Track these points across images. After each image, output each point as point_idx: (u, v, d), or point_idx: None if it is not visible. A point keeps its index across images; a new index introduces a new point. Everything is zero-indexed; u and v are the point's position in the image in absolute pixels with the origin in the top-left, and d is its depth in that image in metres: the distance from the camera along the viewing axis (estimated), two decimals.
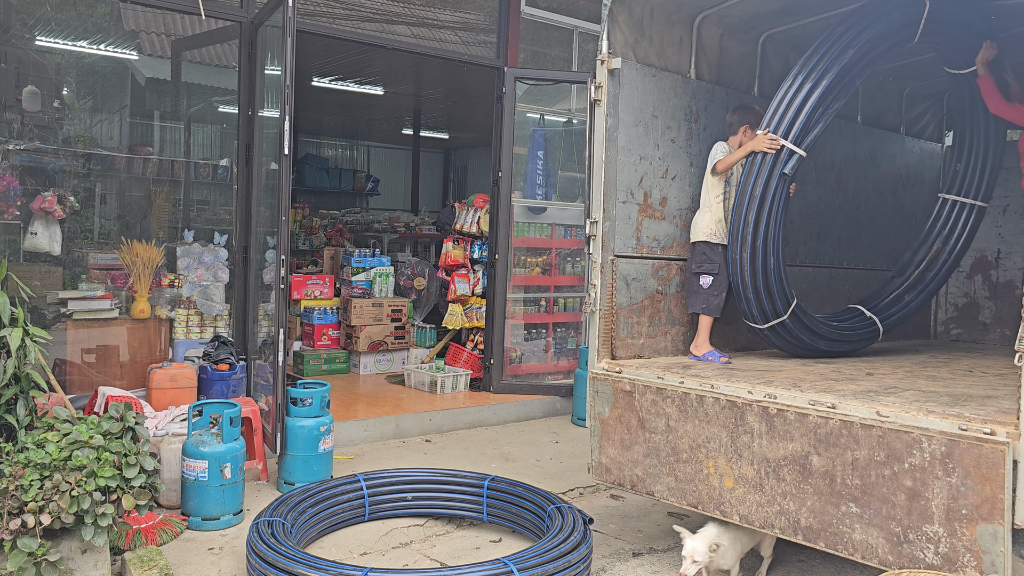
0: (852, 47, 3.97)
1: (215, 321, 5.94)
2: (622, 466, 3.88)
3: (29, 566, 2.98)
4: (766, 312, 4.16)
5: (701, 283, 4.41)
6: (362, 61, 9.27)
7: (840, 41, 3.98)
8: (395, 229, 12.39)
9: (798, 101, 4.03)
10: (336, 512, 4.08)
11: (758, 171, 4.06)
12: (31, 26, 5.92)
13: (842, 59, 3.97)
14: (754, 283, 4.09)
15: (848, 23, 4.00)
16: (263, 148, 5.76)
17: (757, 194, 4.03)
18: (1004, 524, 2.72)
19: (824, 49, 4.01)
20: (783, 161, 4.00)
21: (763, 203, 4.04)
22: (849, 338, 4.68)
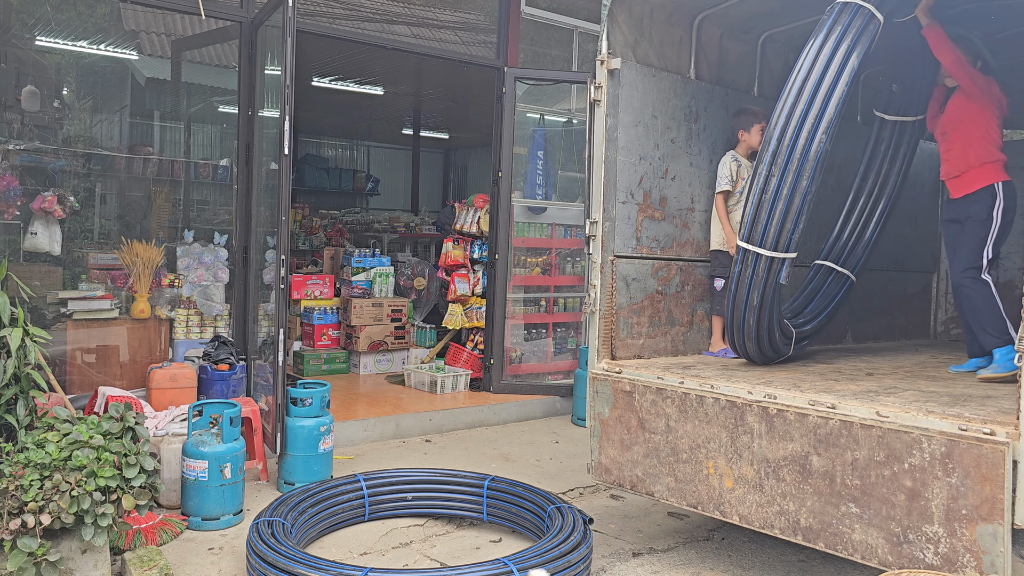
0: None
1: (215, 321, 5.94)
2: (622, 466, 3.89)
3: (29, 566, 2.98)
4: (768, 358, 4.19)
5: (715, 285, 4.66)
6: (362, 61, 9.27)
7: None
8: (395, 229, 12.39)
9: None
10: (336, 512, 4.08)
11: (751, 279, 3.85)
12: (31, 26, 5.92)
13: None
14: (759, 348, 4.07)
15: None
16: (263, 148, 5.76)
17: (755, 303, 3.87)
18: (1004, 524, 2.72)
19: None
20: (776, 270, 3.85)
21: (761, 309, 3.90)
22: (825, 307, 4.73)
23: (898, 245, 5.96)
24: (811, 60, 3.62)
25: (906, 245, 6.08)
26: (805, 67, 3.63)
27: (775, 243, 3.69)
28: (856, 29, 3.61)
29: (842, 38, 3.61)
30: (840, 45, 3.60)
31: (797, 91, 3.62)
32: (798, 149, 3.58)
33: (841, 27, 3.62)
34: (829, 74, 3.58)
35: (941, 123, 4.42)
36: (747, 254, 3.76)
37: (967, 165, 4.22)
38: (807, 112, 3.59)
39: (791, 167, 3.59)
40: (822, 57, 3.60)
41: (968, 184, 4.22)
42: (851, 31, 3.61)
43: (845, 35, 3.61)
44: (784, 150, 3.60)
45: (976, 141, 4.19)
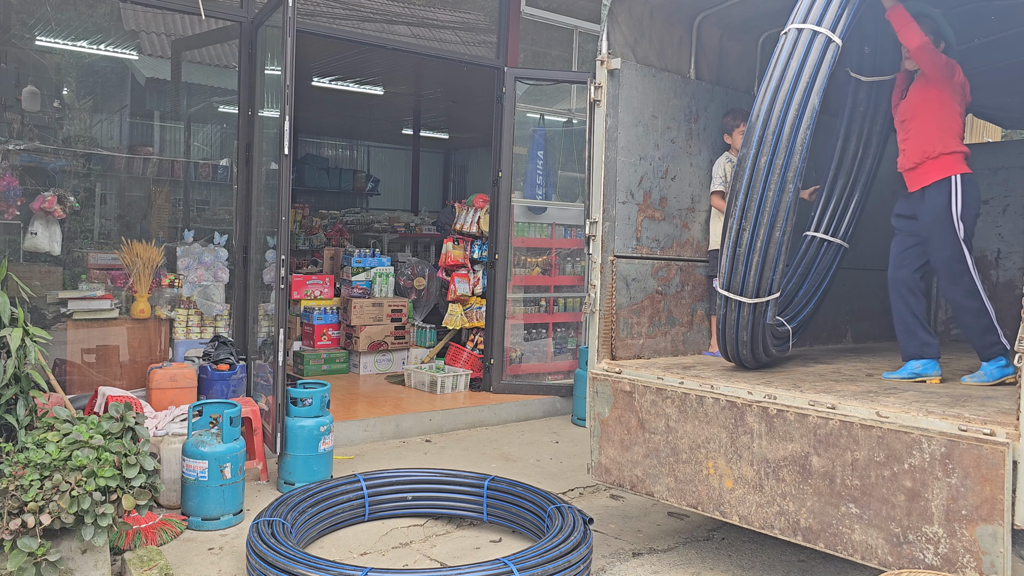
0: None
1: (215, 321, 5.94)
2: (622, 466, 3.89)
3: (29, 566, 2.98)
4: (766, 365, 4.13)
5: (715, 285, 4.51)
6: (362, 61, 9.27)
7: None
8: (395, 229, 12.38)
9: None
10: (336, 512, 4.08)
11: (738, 321, 3.73)
12: (31, 26, 5.92)
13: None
14: (756, 362, 3.99)
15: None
16: (263, 148, 5.76)
17: (745, 339, 3.77)
18: (1004, 525, 2.72)
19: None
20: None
21: (753, 342, 3.82)
22: (819, 284, 4.64)
23: None
24: (769, 100, 3.46)
25: None
26: (764, 108, 3.47)
27: (756, 291, 3.60)
28: (814, 59, 3.45)
29: (799, 74, 3.44)
30: (798, 84, 3.43)
31: (758, 140, 3.46)
32: (768, 200, 3.45)
33: (798, 60, 3.46)
34: (790, 116, 3.42)
35: (900, 110, 4.14)
36: (730, 300, 3.67)
37: (923, 156, 3.92)
38: (772, 160, 3.44)
39: (763, 220, 3.47)
40: (780, 99, 3.44)
41: (924, 177, 3.93)
42: (809, 63, 3.45)
43: (803, 69, 3.44)
44: (753, 204, 3.48)
45: (934, 130, 3.90)
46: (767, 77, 3.49)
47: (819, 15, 3.47)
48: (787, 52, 3.48)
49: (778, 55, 3.50)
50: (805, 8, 3.51)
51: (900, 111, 4.13)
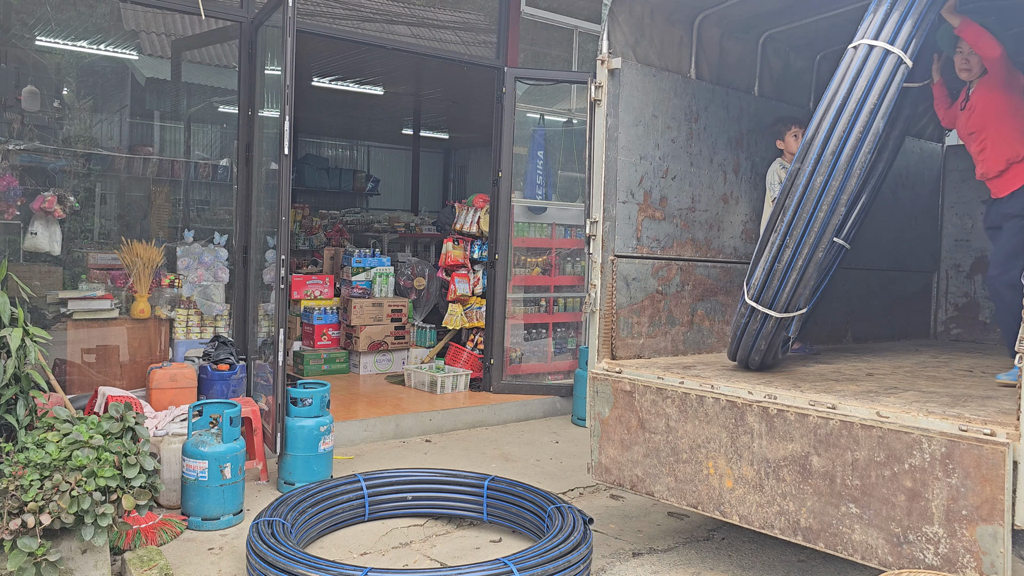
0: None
1: (215, 321, 5.94)
2: (622, 466, 3.88)
3: (29, 566, 2.98)
4: (766, 368, 4.11)
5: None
6: (362, 61, 9.27)
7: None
8: (395, 229, 12.38)
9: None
10: (336, 512, 4.08)
11: (759, 331, 3.70)
12: (31, 26, 5.92)
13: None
14: (763, 367, 3.98)
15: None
16: (263, 148, 5.76)
17: (761, 348, 3.74)
18: (1004, 525, 2.72)
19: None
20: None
21: (768, 350, 3.80)
22: (820, 283, 4.60)
23: (898, 245, 5.96)
24: (831, 120, 3.34)
25: (906, 245, 6.08)
26: (825, 126, 3.35)
27: (786, 307, 3.58)
28: (883, 81, 3.32)
29: (867, 95, 3.31)
30: (863, 105, 3.30)
31: (815, 159, 3.34)
32: (817, 221, 3.36)
33: (867, 80, 3.31)
34: (852, 138, 3.33)
35: (969, 122, 4.18)
36: (756, 311, 3.63)
37: (1008, 161, 4.01)
38: (828, 182, 3.33)
39: (808, 240, 3.40)
40: (844, 119, 3.32)
41: (1012, 182, 4.03)
42: (878, 84, 3.31)
43: (870, 90, 3.31)
44: (802, 222, 3.39)
45: (1015, 135, 4.00)
46: (830, 93, 3.37)
47: (892, 33, 3.35)
48: (855, 70, 3.35)
49: (845, 71, 3.37)
50: (877, 24, 3.39)
51: (969, 123, 4.18)
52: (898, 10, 3.39)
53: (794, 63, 5.27)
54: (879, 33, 3.38)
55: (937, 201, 6.43)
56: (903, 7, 3.39)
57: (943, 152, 6.44)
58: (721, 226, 4.82)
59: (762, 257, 3.58)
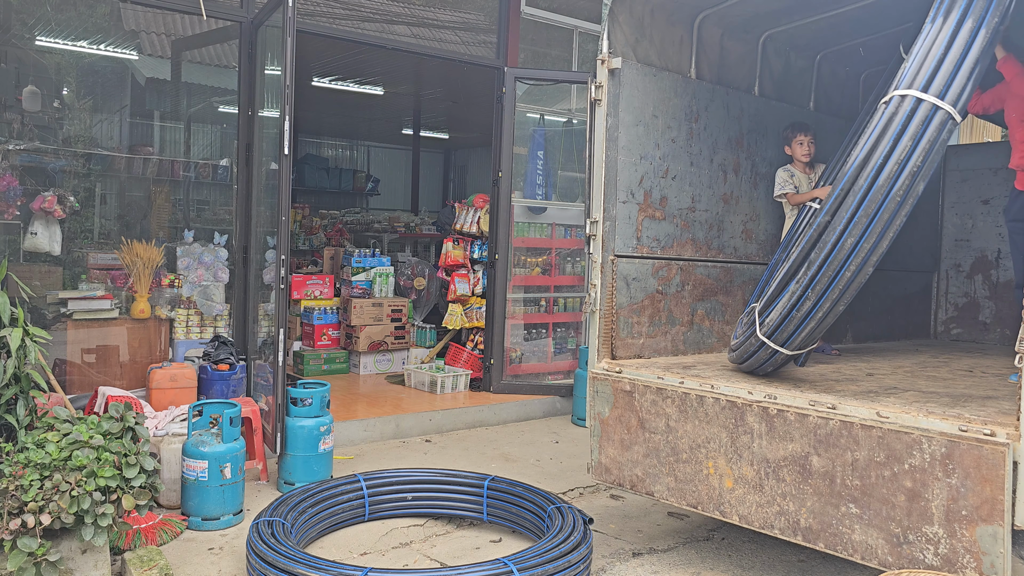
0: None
1: (215, 321, 5.94)
2: (622, 466, 3.88)
3: (29, 566, 2.98)
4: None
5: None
6: (362, 61, 9.27)
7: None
8: (395, 229, 12.39)
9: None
10: (336, 512, 4.08)
11: (768, 360, 3.62)
12: (31, 26, 5.92)
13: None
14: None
15: None
16: (263, 148, 5.76)
17: (768, 371, 3.68)
18: (1004, 525, 2.72)
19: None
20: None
21: (775, 371, 3.78)
22: None
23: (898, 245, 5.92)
24: (869, 179, 3.11)
25: (906, 245, 6.08)
26: (863, 185, 3.13)
27: (799, 346, 3.50)
28: (930, 139, 3.07)
29: (911, 155, 3.06)
30: (906, 166, 3.06)
31: (848, 220, 3.15)
32: (843, 280, 3.21)
33: (912, 138, 3.06)
34: (890, 202, 3.10)
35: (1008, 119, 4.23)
36: (767, 346, 3.54)
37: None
38: (859, 244, 3.14)
39: (831, 295, 3.26)
40: (883, 179, 3.09)
41: None
42: (923, 143, 3.06)
43: (915, 149, 3.05)
44: (826, 278, 3.24)
45: None
46: (866, 146, 3.15)
47: (944, 86, 3.07)
48: (899, 125, 3.08)
49: (885, 125, 3.13)
50: (928, 73, 3.10)
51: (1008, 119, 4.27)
52: (951, 60, 3.10)
53: (795, 63, 5.27)
54: (928, 84, 3.09)
55: (937, 201, 6.43)
56: (957, 55, 3.09)
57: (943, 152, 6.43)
58: (721, 226, 4.82)
59: (780, 299, 3.42)
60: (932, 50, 3.13)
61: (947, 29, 3.13)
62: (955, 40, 3.10)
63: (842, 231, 3.17)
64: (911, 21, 4.61)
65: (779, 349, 3.50)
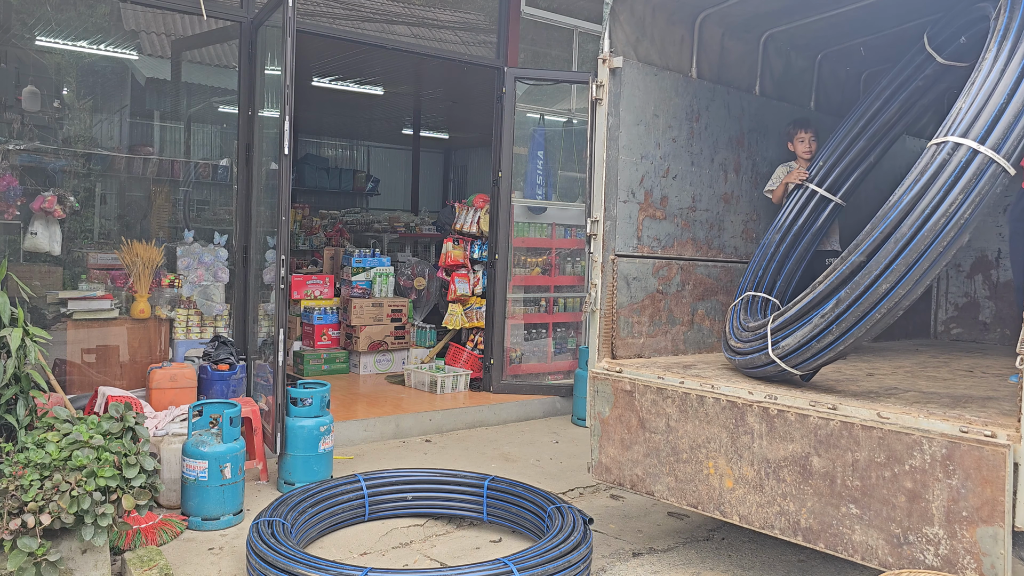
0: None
1: (215, 321, 5.94)
2: (622, 466, 3.88)
3: (29, 566, 2.98)
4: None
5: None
6: (362, 61, 9.27)
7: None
8: (395, 229, 12.39)
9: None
10: (336, 512, 4.08)
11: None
12: (31, 26, 5.91)
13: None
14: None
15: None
16: (263, 148, 5.76)
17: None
18: (1004, 526, 2.71)
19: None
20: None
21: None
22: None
23: None
24: (909, 233, 3.02)
25: None
26: (907, 232, 3.02)
27: (815, 370, 3.53)
28: (981, 193, 2.94)
29: (959, 210, 2.94)
30: (951, 220, 2.95)
31: (887, 264, 3.07)
32: (871, 323, 3.16)
33: (963, 192, 2.94)
34: (927, 259, 3.01)
35: None
36: (777, 364, 3.52)
37: None
38: (893, 290, 3.07)
39: (856, 333, 3.22)
40: (921, 239, 2.99)
41: None
42: (974, 198, 2.94)
43: (964, 203, 2.94)
44: (853, 318, 3.20)
45: None
46: (912, 191, 3.06)
47: (1002, 138, 2.93)
48: (951, 176, 2.96)
49: (935, 172, 3.02)
50: (986, 123, 2.95)
51: None
52: (1013, 110, 2.94)
53: (795, 63, 5.26)
54: (987, 136, 2.94)
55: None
56: (1019, 107, 2.92)
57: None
58: (722, 225, 4.82)
59: (801, 327, 3.38)
60: (993, 96, 2.97)
61: (1013, 70, 2.95)
62: (1021, 85, 2.92)
63: (878, 276, 3.08)
64: (912, 21, 4.61)
65: (791, 371, 3.47)
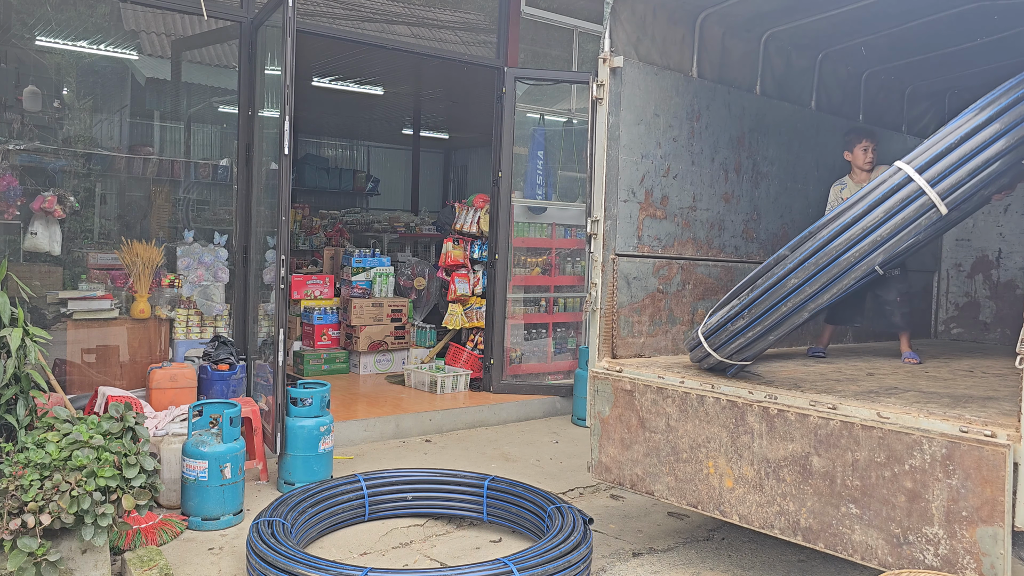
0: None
1: (215, 321, 5.93)
2: (622, 465, 3.88)
3: (29, 566, 2.98)
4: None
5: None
6: (362, 61, 9.27)
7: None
8: (395, 229, 12.38)
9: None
10: (336, 512, 4.08)
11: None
12: (31, 26, 5.92)
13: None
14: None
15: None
16: (263, 148, 5.76)
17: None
18: (1004, 526, 2.71)
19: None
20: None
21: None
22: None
23: None
24: (837, 228, 3.20)
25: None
26: (820, 238, 3.24)
27: (731, 357, 3.61)
28: (893, 226, 3.14)
29: (879, 226, 3.12)
30: (867, 236, 3.14)
31: (808, 254, 3.28)
32: (777, 312, 3.37)
33: (884, 213, 3.12)
34: (850, 254, 3.21)
35: None
36: (702, 345, 3.67)
37: None
38: (800, 286, 3.30)
39: (763, 323, 3.43)
40: (835, 245, 3.20)
41: None
42: (893, 223, 3.12)
43: (881, 226, 3.12)
44: (762, 307, 3.41)
45: None
46: (850, 199, 3.22)
47: (940, 175, 3.09)
48: (880, 194, 3.12)
49: (872, 188, 3.18)
50: (929, 157, 3.10)
51: None
52: (958, 154, 3.08)
53: (796, 62, 5.26)
54: (926, 168, 3.10)
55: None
56: (967, 151, 3.07)
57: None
58: (722, 225, 4.81)
59: (723, 307, 3.56)
60: (946, 138, 3.11)
61: (969, 124, 3.09)
62: (972, 136, 3.06)
63: (790, 270, 3.29)
64: (912, 21, 4.61)
65: (710, 352, 3.60)
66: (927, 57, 5.23)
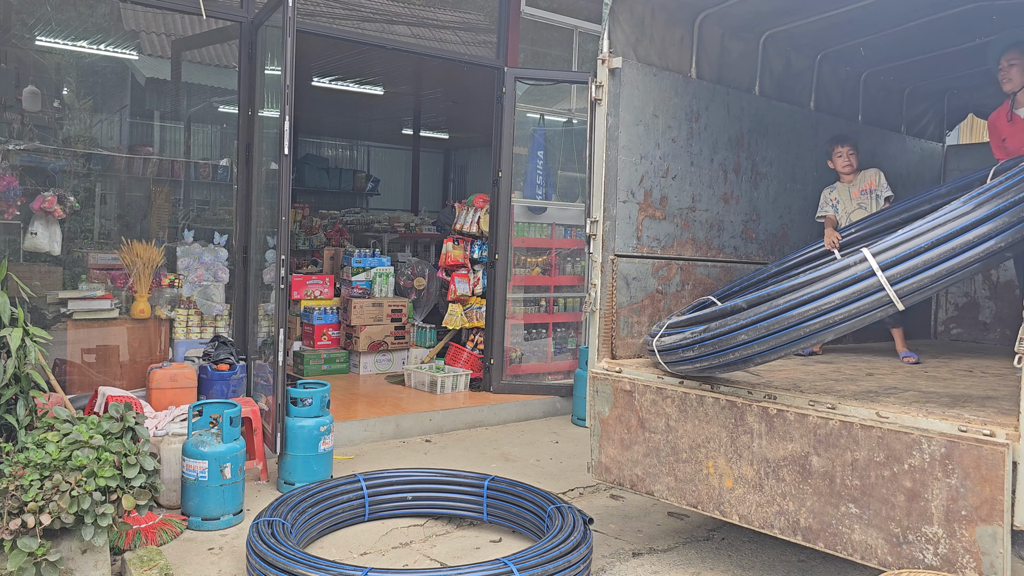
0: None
1: (215, 321, 5.94)
2: (622, 465, 3.88)
3: (29, 566, 2.98)
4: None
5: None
6: (362, 61, 9.27)
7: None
8: (395, 229, 12.38)
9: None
10: (336, 512, 4.08)
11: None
12: (31, 26, 5.92)
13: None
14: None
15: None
16: (263, 148, 5.76)
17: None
18: (1003, 525, 2.71)
19: None
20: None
21: None
22: None
23: None
24: (795, 300, 3.18)
25: None
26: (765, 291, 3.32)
27: (680, 372, 3.67)
28: (847, 313, 3.13)
29: (834, 310, 3.13)
30: (810, 303, 3.15)
31: (761, 317, 3.27)
32: (724, 359, 3.37)
33: (827, 285, 3.14)
34: (800, 328, 3.22)
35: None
36: (655, 353, 3.73)
37: None
38: (752, 342, 3.29)
39: (710, 362, 3.45)
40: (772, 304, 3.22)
41: None
42: (837, 297, 3.12)
43: (826, 296, 3.14)
44: (709, 350, 3.40)
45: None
46: (814, 273, 3.21)
47: (904, 275, 3.04)
48: (842, 279, 3.11)
49: (836, 269, 3.15)
50: (897, 255, 3.05)
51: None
52: (925, 259, 3.03)
53: (795, 63, 5.27)
54: (892, 266, 3.06)
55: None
56: (934, 257, 3.02)
57: (943, 152, 6.44)
58: (722, 225, 4.82)
59: (687, 329, 3.58)
60: (919, 239, 3.05)
61: (941, 231, 3.02)
62: (941, 245, 3.02)
63: (743, 325, 3.25)
64: (911, 21, 4.62)
65: (659, 361, 3.68)
66: (926, 57, 5.24)
